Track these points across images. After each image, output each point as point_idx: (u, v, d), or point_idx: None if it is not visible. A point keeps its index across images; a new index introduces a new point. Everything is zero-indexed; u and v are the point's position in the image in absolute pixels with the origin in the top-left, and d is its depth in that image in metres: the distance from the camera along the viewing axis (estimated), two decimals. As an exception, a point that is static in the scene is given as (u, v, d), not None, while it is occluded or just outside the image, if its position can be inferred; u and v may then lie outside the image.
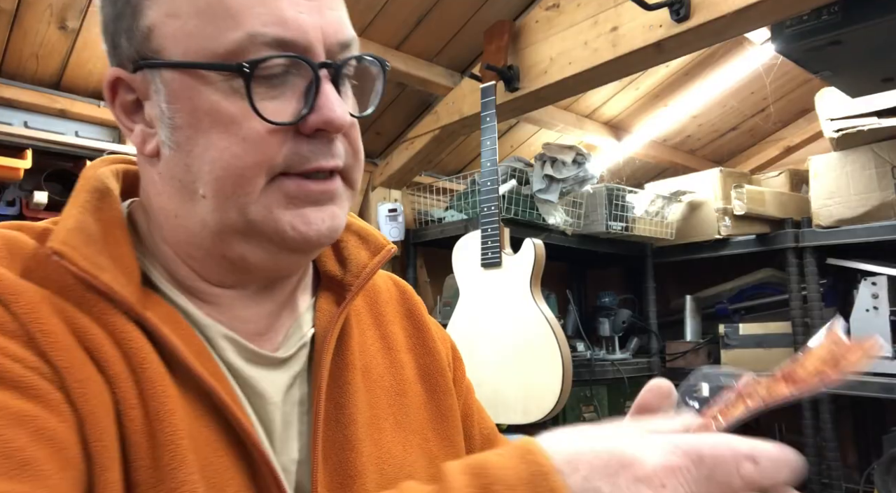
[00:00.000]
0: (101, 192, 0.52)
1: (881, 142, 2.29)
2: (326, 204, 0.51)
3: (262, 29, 0.47)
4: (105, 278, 0.47)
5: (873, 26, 1.54)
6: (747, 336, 2.57)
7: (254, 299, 0.56)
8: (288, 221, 0.49)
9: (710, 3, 1.61)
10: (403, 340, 0.66)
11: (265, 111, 0.47)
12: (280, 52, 0.47)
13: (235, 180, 0.48)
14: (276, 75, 0.48)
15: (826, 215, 2.38)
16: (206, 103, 0.48)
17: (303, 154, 0.49)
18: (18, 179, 2.02)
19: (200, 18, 0.47)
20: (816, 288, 2.37)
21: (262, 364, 0.54)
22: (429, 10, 2.00)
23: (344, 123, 0.49)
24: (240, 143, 0.48)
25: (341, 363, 0.57)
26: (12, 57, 2.01)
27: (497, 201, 1.94)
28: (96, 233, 0.49)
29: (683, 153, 3.36)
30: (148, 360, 0.46)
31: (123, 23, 0.51)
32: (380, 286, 0.69)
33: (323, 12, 0.49)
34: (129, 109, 0.53)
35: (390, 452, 0.57)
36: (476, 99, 2.03)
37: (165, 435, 0.44)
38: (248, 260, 0.52)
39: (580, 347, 2.56)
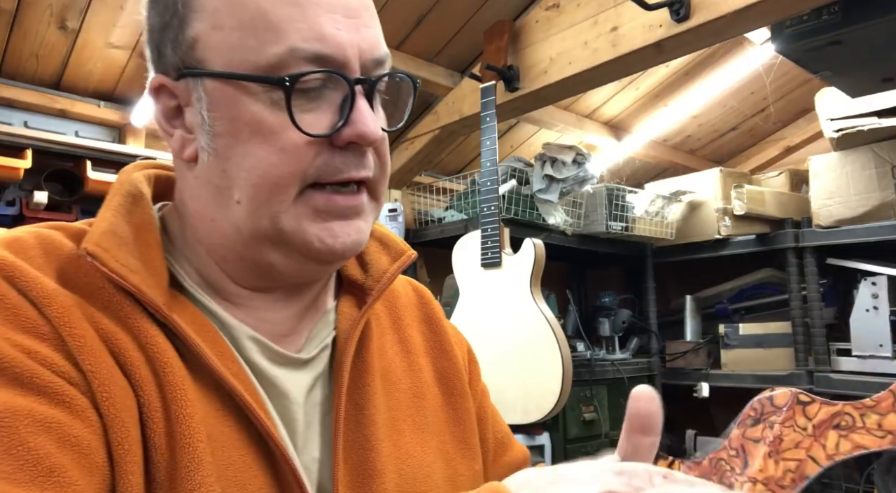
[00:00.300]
0: (133, 196, 0.55)
1: (881, 142, 2.29)
2: (353, 218, 0.53)
3: (303, 44, 0.49)
4: (134, 279, 0.48)
5: (873, 26, 1.54)
6: (747, 336, 2.57)
7: (280, 301, 0.57)
8: (315, 234, 0.51)
9: (710, 3, 1.61)
10: (421, 343, 0.68)
11: (302, 123, 0.49)
12: (318, 68, 0.49)
13: (271, 188, 0.50)
14: (313, 89, 0.50)
15: (826, 215, 2.38)
16: (247, 113, 0.50)
17: (335, 165, 0.51)
18: (18, 179, 2.02)
19: (244, 31, 0.49)
20: (816, 288, 2.37)
21: (286, 365, 0.55)
22: (429, 10, 2.00)
23: (376, 137, 0.51)
24: (277, 153, 0.49)
25: (361, 366, 0.59)
26: (12, 57, 2.01)
27: (497, 201, 1.94)
28: (128, 236, 0.51)
29: (683, 153, 3.36)
30: (170, 364, 0.48)
31: (170, 33, 0.53)
32: (399, 291, 0.70)
33: (360, 30, 0.52)
34: (170, 115, 0.55)
35: (409, 452, 0.58)
36: (476, 99, 2.03)
37: (184, 438, 0.46)
38: (277, 267, 0.54)
39: (580, 347, 2.56)
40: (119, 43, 2.06)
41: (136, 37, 2.05)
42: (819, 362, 2.32)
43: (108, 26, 1.96)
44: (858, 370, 2.22)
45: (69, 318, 0.45)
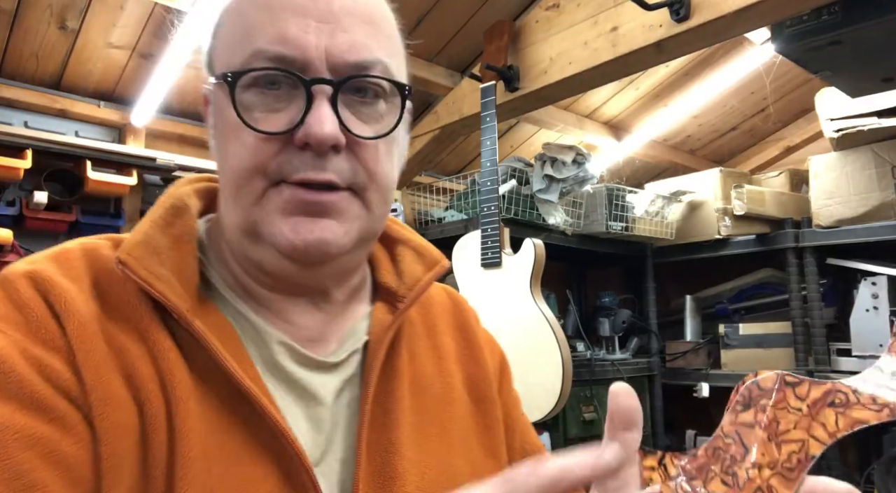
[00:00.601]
0: (176, 208, 0.58)
1: (881, 142, 2.29)
2: (321, 217, 0.52)
3: (266, 46, 0.51)
4: (160, 286, 0.51)
5: (873, 26, 1.54)
6: (747, 336, 2.57)
7: (307, 309, 0.59)
8: (279, 228, 0.52)
9: (710, 3, 1.61)
10: (453, 350, 0.68)
11: (263, 123, 0.51)
12: (275, 65, 0.51)
13: (238, 182, 0.52)
14: (280, 92, 0.52)
15: (826, 215, 2.38)
16: (225, 112, 0.53)
17: (293, 164, 0.52)
18: (18, 179, 2.02)
19: (231, 39, 0.54)
20: (816, 288, 2.37)
21: (315, 368, 0.57)
22: (429, 10, 2.00)
23: (325, 139, 0.50)
24: (240, 148, 0.52)
25: (391, 371, 0.60)
26: (12, 57, 2.01)
27: (497, 201, 1.94)
28: (161, 246, 0.54)
29: (683, 153, 3.36)
30: (179, 379, 0.49)
31: (209, 46, 0.58)
32: (434, 298, 0.71)
33: (335, 34, 0.52)
34: (209, 120, 0.59)
35: (434, 457, 0.58)
36: (476, 99, 2.03)
37: (182, 453, 0.47)
38: (265, 265, 0.55)
39: (580, 347, 2.56)
40: (119, 43, 2.06)
41: (136, 37, 2.05)
42: (819, 362, 2.32)
43: (108, 26, 1.97)
44: (858, 370, 2.20)
45: (84, 332, 0.48)
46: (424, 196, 2.64)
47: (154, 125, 2.45)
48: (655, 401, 2.68)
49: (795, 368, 2.39)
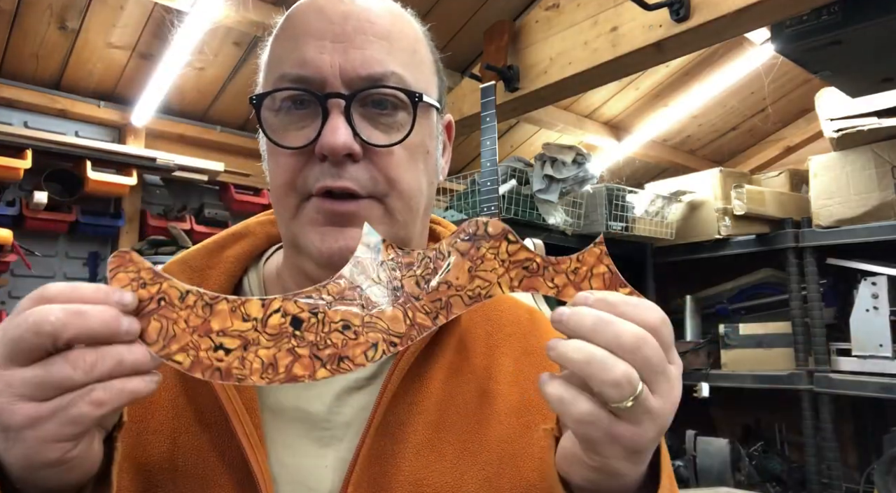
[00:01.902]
0: (237, 235, 0.66)
1: (881, 142, 2.29)
2: (346, 226, 0.55)
3: (289, 70, 0.55)
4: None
5: (873, 26, 1.54)
6: (747, 336, 2.57)
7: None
8: (311, 239, 0.56)
9: (710, 3, 1.61)
10: (511, 373, 0.65)
11: (292, 139, 0.55)
12: (294, 85, 0.55)
13: (277, 198, 0.57)
14: (305, 110, 0.56)
15: (826, 215, 2.38)
16: (263, 135, 0.58)
17: (314, 175, 0.55)
18: (18, 179, 2.02)
19: (266, 68, 0.60)
20: (816, 288, 2.37)
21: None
22: (429, 10, 2.00)
23: (336, 148, 0.53)
24: (276, 166, 0.57)
25: (417, 383, 0.59)
26: (12, 57, 2.02)
27: (497, 201, 1.94)
28: (198, 265, 0.61)
29: (683, 153, 3.36)
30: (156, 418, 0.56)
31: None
32: (508, 317, 0.69)
33: (348, 52, 0.55)
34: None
35: (439, 474, 0.57)
36: (476, 99, 2.03)
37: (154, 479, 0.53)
38: (309, 274, 0.59)
39: (580, 347, 2.56)
40: (119, 43, 2.06)
41: (136, 37, 2.05)
42: (819, 362, 2.32)
43: (108, 26, 1.97)
44: (858, 370, 2.22)
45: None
46: (424, 196, 2.64)
47: (154, 125, 2.45)
48: (655, 401, 2.68)
49: (795, 367, 2.39)
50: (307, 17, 0.57)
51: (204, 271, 0.61)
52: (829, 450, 2.28)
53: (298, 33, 0.56)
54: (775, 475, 2.54)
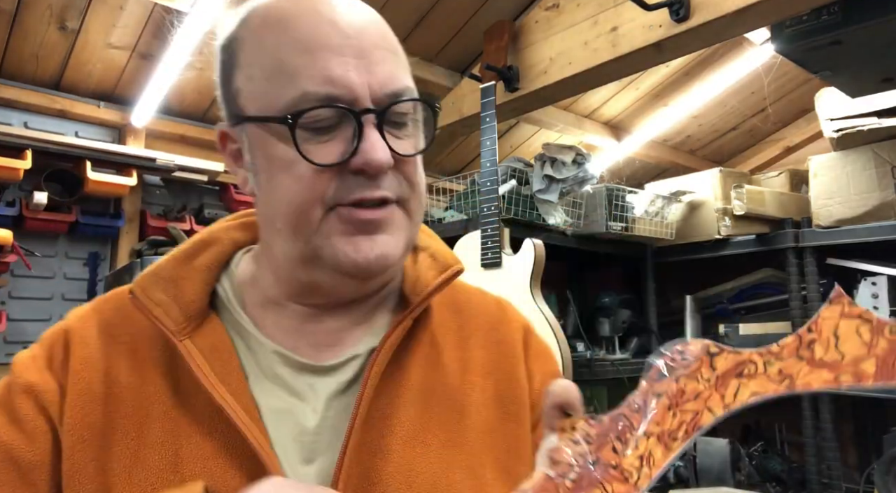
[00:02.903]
0: (202, 242, 0.65)
1: (881, 142, 2.29)
2: (377, 233, 0.57)
3: (314, 88, 0.54)
4: (157, 312, 0.58)
5: (873, 26, 1.54)
6: (747, 336, 2.57)
7: (330, 315, 0.63)
8: (341, 249, 0.56)
9: (710, 3, 1.61)
10: (484, 364, 0.67)
11: (315, 155, 0.55)
12: (324, 104, 0.55)
13: (297, 214, 0.56)
14: (329, 126, 0.56)
15: (826, 215, 2.38)
16: (272, 150, 0.57)
17: (348, 187, 0.56)
18: (18, 179, 2.02)
19: (269, 81, 0.56)
20: (816, 288, 2.37)
21: (310, 372, 0.60)
22: (429, 10, 2.00)
23: (382, 164, 0.55)
24: (296, 182, 0.55)
25: (397, 376, 0.61)
26: (12, 57, 2.02)
27: (497, 201, 1.94)
28: (171, 275, 0.62)
29: (683, 153, 3.36)
30: (159, 400, 0.57)
31: (225, 87, 0.61)
32: (477, 308, 0.72)
33: (371, 69, 0.56)
34: (234, 156, 0.62)
35: (427, 467, 0.58)
36: (476, 99, 2.03)
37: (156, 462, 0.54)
38: (320, 285, 0.60)
39: (580, 347, 2.56)
40: (119, 43, 2.06)
41: (136, 37, 2.05)
42: (819, 362, 2.32)
43: (108, 26, 1.97)
44: None
45: (81, 368, 0.58)
46: (424, 196, 2.64)
47: (154, 125, 2.45)
48: (655, 401, 2.68)
49: (795, 368, 2.39)
50: (319, 29, 0.56)
51: (178, 282, 0.61)
52: (829, 450, 2.28)
53: (313, 46, 0.55)
54: (775, 475, 2.54)
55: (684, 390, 0.38)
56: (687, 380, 0.38)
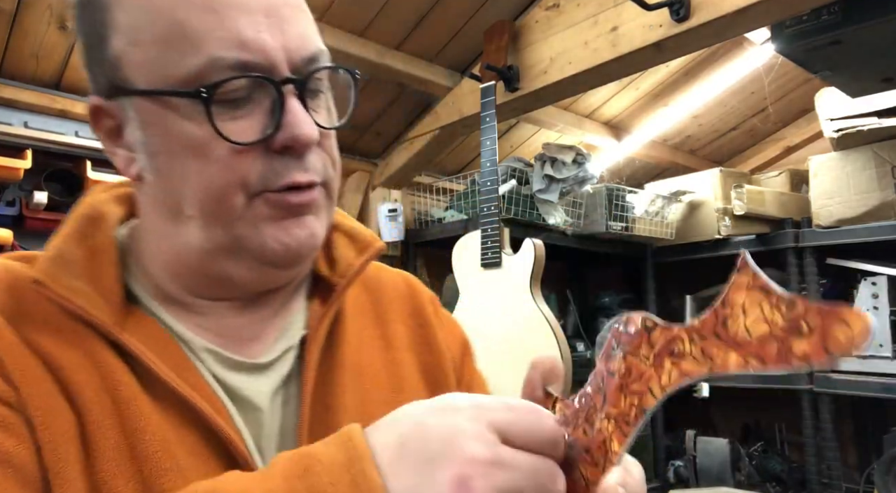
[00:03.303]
0: (90, 218, 0.56)
1: (881, 142, 2.29)
2: (305, 215, 0.52)
3: (223, 53, 0.47)
4: (80, 301, 0.50)
5: (873, 26, 1.54)
6: (747, 336, 2.57)
7: (246, 307, 0.57)
8: (271, 235, 0.51)
9: (710, 3, 1.61)
10: (406, 338, 0.66)
11: (231, 132, 0.48)
12: (240, 74, 0.48)
13: (216, 201, 0.49)
14: (242, 97, 0.49)
15: (826, 215, 2.38)
16: (176, 129, 0.49)
17: (276, 170, 0.50)
18: (18, 179, 2.02)
19: (161, 46, 0.48)
20: (816, 288, 2.37)
21: (246, 371, 0.55)
22: (429, 10, 2.00)
23: (311, 139, 0.50)
24: (211, 164, 0.49)
25: (331, 363, 0.58)
26: (12, 57, 2.01)
27: (497, 201, 1.94)
28: (77, 259, 0.52)
29: (683, 153, 3.36)
30: (122, 382, 0.49)
31: (95, 53, 0.52)
32: (386, 285, 0.69)
33: (284, 29, 0.49)
34: (112, 135, 0.54)
35: None
36: (476, 99, 2.03)
37: (143, 449, 0.47)
38: (233, 277, 0.54)
39: (580, 347, 2.56)
40: (119, 43, 2.06)
41: (136, 37, 2.05)
42: (819, 362, 2.32)
43: (108, 26, 1.97)
44: (858, 370, 2.22)
45: (14, 350, 0.47)
46: (424, 196, 2.64)
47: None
48: (655, 401, 2.68)
49: (795, 368, 2.39)
50: None
51: (89, 267, 0.53)
52: (829, 450, 2.28)
53: (217, 4, 0.47)
54: (775, 475, 2.54)
55: (630, 369, 0.37)
56: (632, 358, 0.37)
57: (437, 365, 0.66)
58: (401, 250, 2.58)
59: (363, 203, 2.59)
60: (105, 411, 0.48)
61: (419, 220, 2.59)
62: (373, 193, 2.59)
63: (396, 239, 2.48)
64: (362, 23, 1.98)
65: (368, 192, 2.60)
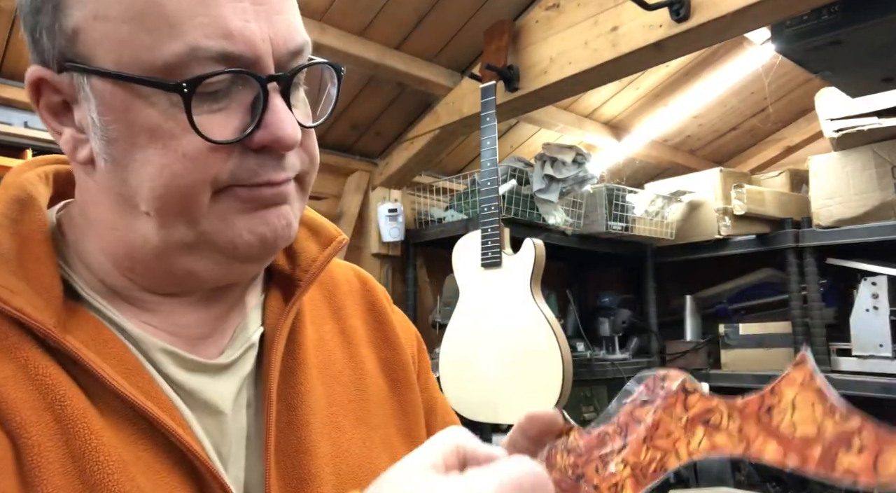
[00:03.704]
0: (21, 202, 0.49)
1: (881, 142, 2.29)
2: (278, 205, 0.49)
3: (206, 42, 0.43)
4: (17, 302, 0.44)
5: (873, 26, 1.54)
6: (747, 336, 2.57)
7: (201, 303, 0.53)
8: (245, 227, 0.47)
9: (710, 3, 1.61)
10: (364, 333, 0.64)
11: (207, 127, 0.44)
12: (224, 68, 0.44)
13: (180, 198, 0.45)
14: (220, 89, 0.45)
15: (826, 215, 2.38)
16: (143, 118, 0.44)
17: (250, 168, 0.46)
18: (18, 179, 2.02)
19: (134, 25, 0.43)
20: (816, 288, 2.37)
21: (205, 372, 0.51)
22: (429, 10, 2.00)
23: (294, 140, 0.46)
24: (180, 160, 0.44)
25: (293, 362, 0.55)
26: (12, 57, 2.02)
27: (497, 201, 1.94)
28: (10, 251, 0.46)
29: (684, 153, 3.36)
30: (67, 396, 0.43)
31: (44, 18, 0.46)
32: (339, 279, 0.67)
33: (271, 18, 0.46)
34: (56, 111, 0.48)
35: (349, 451, 0.55)
36: (476, 99, 2.03)
37: (94, 473, 0.42)
38: (197, 273, 0.50)
39: (580, 347, 2.56)
40: (119, 43, 2.05)
41: (136, 37, 2.05)
42: (819, 362, 2.32)
43: (108, 26, 1.96)
44: (858, 370, 2.22)
45: None
46: (424, 196, 2.64)
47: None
48: (655, 401, 2.68)
49: (795, 368, 2.39)
50: None
51: (21, 260, 0.46)
52: (829, 450, 2.28)
53: None
54: (775, 474, 2.54)
55: (658, 424, 0.38)
56: (664, 414, 0.38)
57: (396, 361, 0.65)
58: (401, 249, 2.58)
59: (363, 203, 2.59)
60: (47, 432, 0.42)
61: (419, 220, 2.59)
62: (373, 193, 2.59)
63: (396, 239, 2.48)
64: (362, 23, 1.98)
65: (368, 192, 2.60)
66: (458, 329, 1.99)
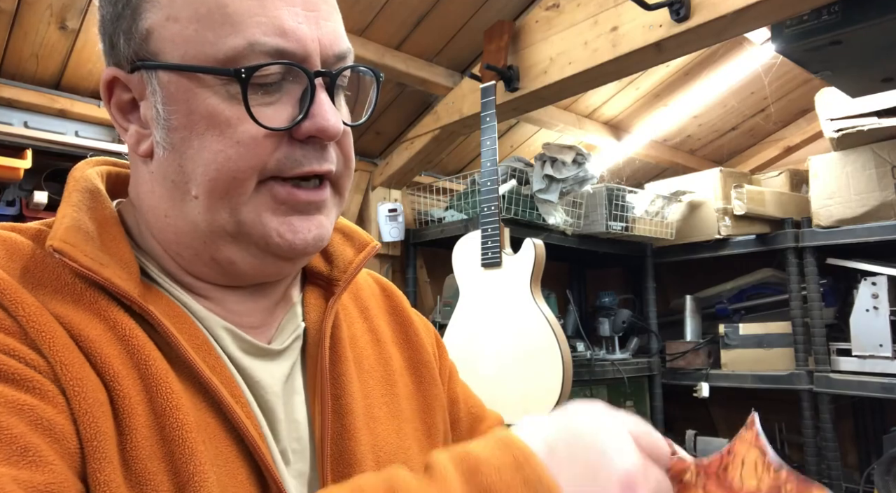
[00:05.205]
0: (91, 192, 0.55)
1: (881, 142, 2.29)
2: (314, 213, 0.53)
3: (263, 38, 0.48)
4: (106, 273, 0.48)
5: (873, 26, 1.54)
6: (747, 336, 2.57)
7: (249, 296, 0.57)
8: (274, 228, 0.51)
9: (710, 3, 1.61)
10: (389, 334, 0.69)
11: (260, 116, 0.49)
12: (277, 60, 0.49)
13: (228, 182, 0.50)
14: (273, 83, 0.50)
15: (826, 215, 2.38)
16: (203, 106, 0.49)
17: (296, 158, 0.51)
18: (18, 179, 2.02)
19: (201, 24, 0.49)
20: (816, 288, 2.37)
21: (261, 355, 0.56)
22: (429, 10, 2.00)
23: (338, 130, 0.51)
24: (234, 146, 0.49)
25: (335, 355, 0.59)
26: (12, 57, 2.02)
27: (497, 201, 1.94)
28: (93, 230, 0.51)
29: (683, 153, 3.36)
30: (151, 356, 0.47)
31: (122, 23, 0.52)
32: (361, 283, 0.72)
33: (320, 24, 0.51)
34: (124, 109, 0.54)
35: (386, 440, 0.59)
36: (476, 99, 2.03)
37: (174, 430, 0.46)
38: (237, 264, 0.53)
39: (580, 347, 2.56)
40: (119, 43, 2.05)
41: (136, 37, 2.05)
42: (819, 362, 2.32)
43: (108, 26, 1.96)
44: (858, 370, 2.22)
45: (37, 317, 0.45)
46: (424, 196, 2.64)
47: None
48: (655, 401, 2.68)
49: (795, 367, 2.39)
50: None
51: (104, 238, 0.51)
52: (828, 450, 2.28)
53: None
54: None
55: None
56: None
57: (420, 360, 0.69)
58: (401, 249, 2.58)
59: (363, 203, 2.59)
60: (135, 386, 0.46)
61: (419, 220, 2.59)
62: (373, 193, 2.59)
63: (396, 239, 2.48)
64: (362, 23, 1.98)
65: (368, 192, 2.60)
66: (459, 329, 1.99)
